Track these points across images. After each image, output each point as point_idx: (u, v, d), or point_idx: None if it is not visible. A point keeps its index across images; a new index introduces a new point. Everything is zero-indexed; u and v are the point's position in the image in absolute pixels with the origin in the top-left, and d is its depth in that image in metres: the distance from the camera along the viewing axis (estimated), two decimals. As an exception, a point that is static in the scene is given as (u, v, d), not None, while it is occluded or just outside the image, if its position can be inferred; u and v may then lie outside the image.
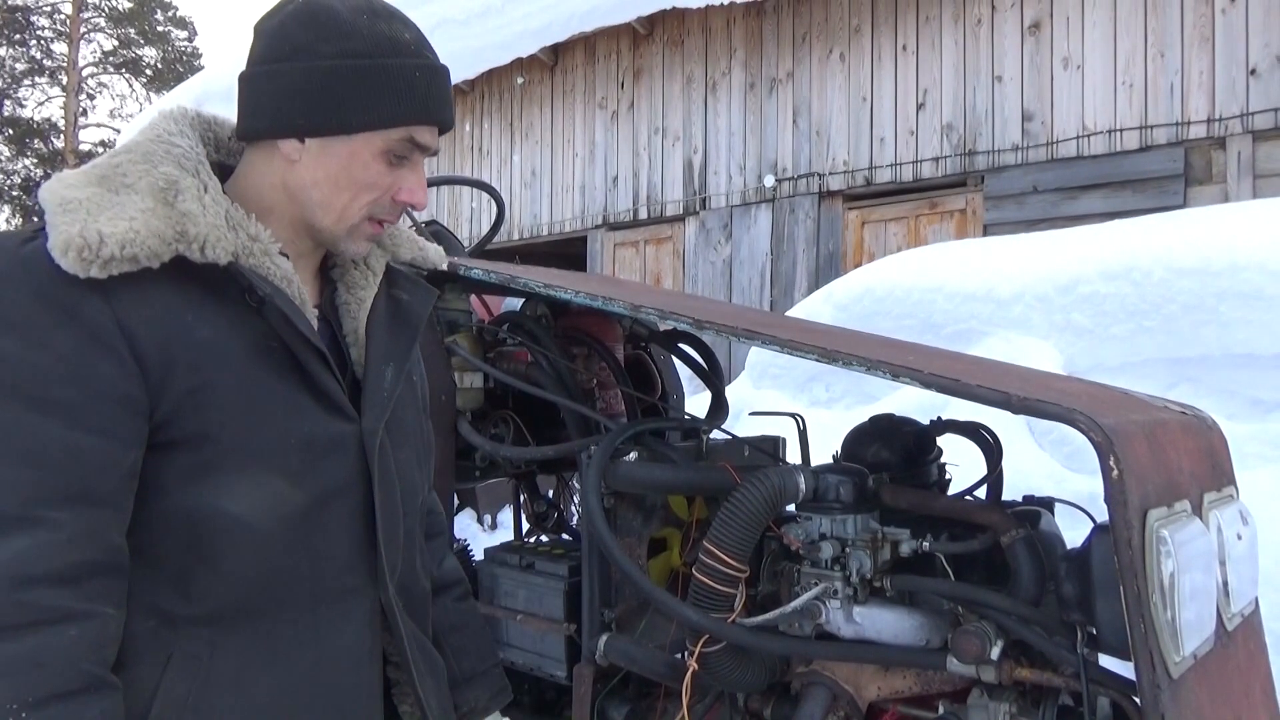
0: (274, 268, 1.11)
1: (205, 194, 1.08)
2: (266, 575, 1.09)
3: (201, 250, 1.04)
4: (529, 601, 2.15)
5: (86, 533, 0.96)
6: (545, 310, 2.29)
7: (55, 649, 0.93)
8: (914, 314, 4.56)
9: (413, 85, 1.14)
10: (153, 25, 28.77)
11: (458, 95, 10.71)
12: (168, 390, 1.02)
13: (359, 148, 1.14)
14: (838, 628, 1.58)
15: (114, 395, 0.99)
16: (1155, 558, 1.22)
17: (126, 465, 1.00)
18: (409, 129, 1.15)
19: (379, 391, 1.20)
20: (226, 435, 1.05)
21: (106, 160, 1.09)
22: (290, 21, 1.12)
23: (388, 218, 1.20)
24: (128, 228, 0.99)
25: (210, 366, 1.05)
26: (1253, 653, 1.63)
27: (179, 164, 1.09)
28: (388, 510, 1.20)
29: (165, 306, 1.03)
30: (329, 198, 1.15)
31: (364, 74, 1.11)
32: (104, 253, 0.97)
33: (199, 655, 1.06)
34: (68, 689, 0.93)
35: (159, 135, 1.11)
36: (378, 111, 1.13)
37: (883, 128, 7.39)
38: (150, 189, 1.05)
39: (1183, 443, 1.52)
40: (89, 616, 0.96)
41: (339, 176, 1.14)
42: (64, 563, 0.94)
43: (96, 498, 0.98)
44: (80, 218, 0.99)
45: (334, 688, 1.15)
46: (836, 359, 1.44)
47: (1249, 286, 3.54)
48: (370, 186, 1.16)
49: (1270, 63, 5.76)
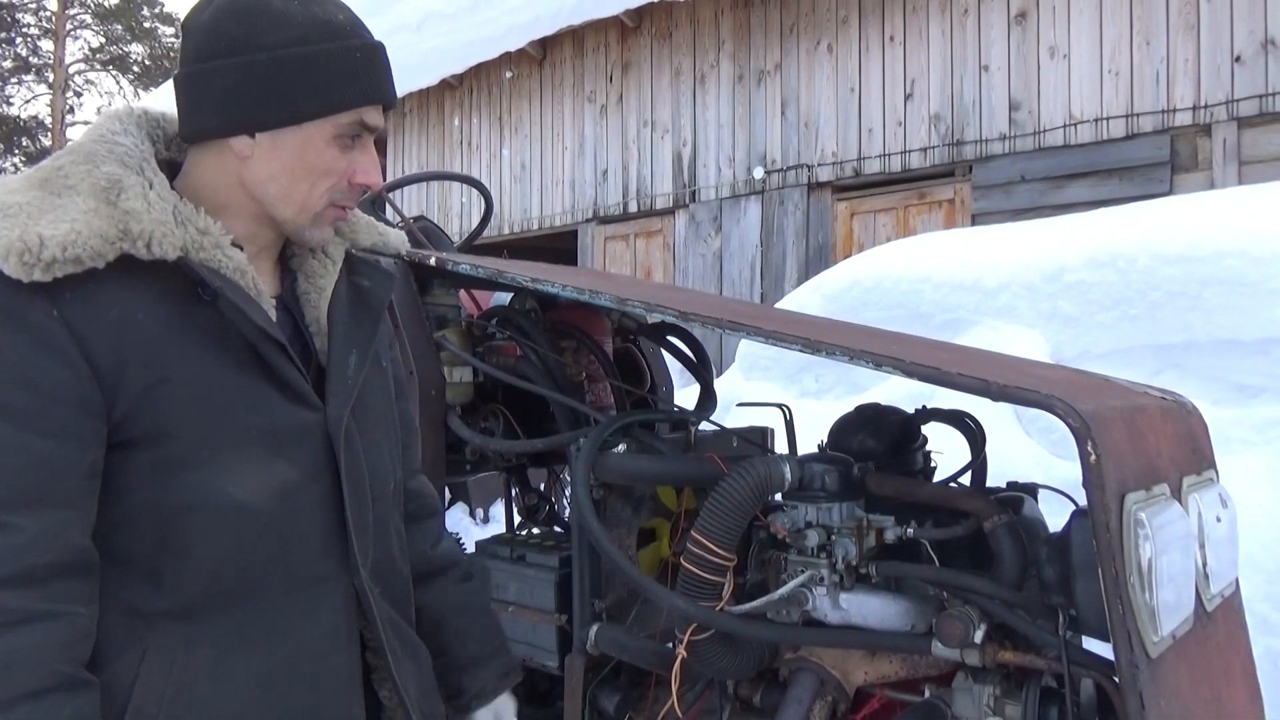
0: (226, 260, 1.10)
1: (150, 190, 1.07)
2: (238, 566, 1.09)
3: (148, 247, 1.03)
4: (520, 593, 2.17)
5: (48, 535, 0.97)
6: (534, 304, 2.30)
7: (22, 650, 0.94)
8: (902, 304, 4.58)
9: (355, 67, 1.14)
10: (139, 21, 28.58)
11: (447, 90, 10.69)
12: (123, 389, 1.02)
13: (311, 135, 1.13)
14: (824, 614, 1.60)
15: (66, 397, 0.99)
16: (1133, 540, 1.24)
17: (85, 466, 1.01)
18: (358, 111, 1.15)
19: (342, 379, 1.21)
20: (186, 430, 1.05)
21: (50, 163, 1.09)
22: (222, 16, 1.11)
23: (347, 202, 1.21)
24: (69, 229, 0.99)
25: (165, 362, 1.05)
26: (1233, 633, 1.66)
27: (122, 162, 1.08)
28: (356, 496, 1.20)
29: (115, 306, 1.03)
30: (288, 189, 1.15)
31: (306, 61, 1.11)
32: (45, 255, 0.97)
33: (174, 648, 1.06)
34: (37, 688, 0.94)
35: (102, 135, 1.11)
36: (326, 98, 1.12)
37: (871, 118, 7.40)
38: (92, 189, 1.05)
39: (1162, 427, 1.54)
40: (55, 616, 0.96)
41: (295, 167, 1.14)
42: (26, 565, 0.95)
43: (55, 500, 0.98)
44: (21, 222, 0.99)
45: (311, 674, 1.16)
46: (821, 349, 1.46)
47: (1232, 273, 3.56)
48: (327, 173, 1.16)
49: (1255, 49, 5.79)
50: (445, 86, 10.57)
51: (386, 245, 1.41)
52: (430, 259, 2.05)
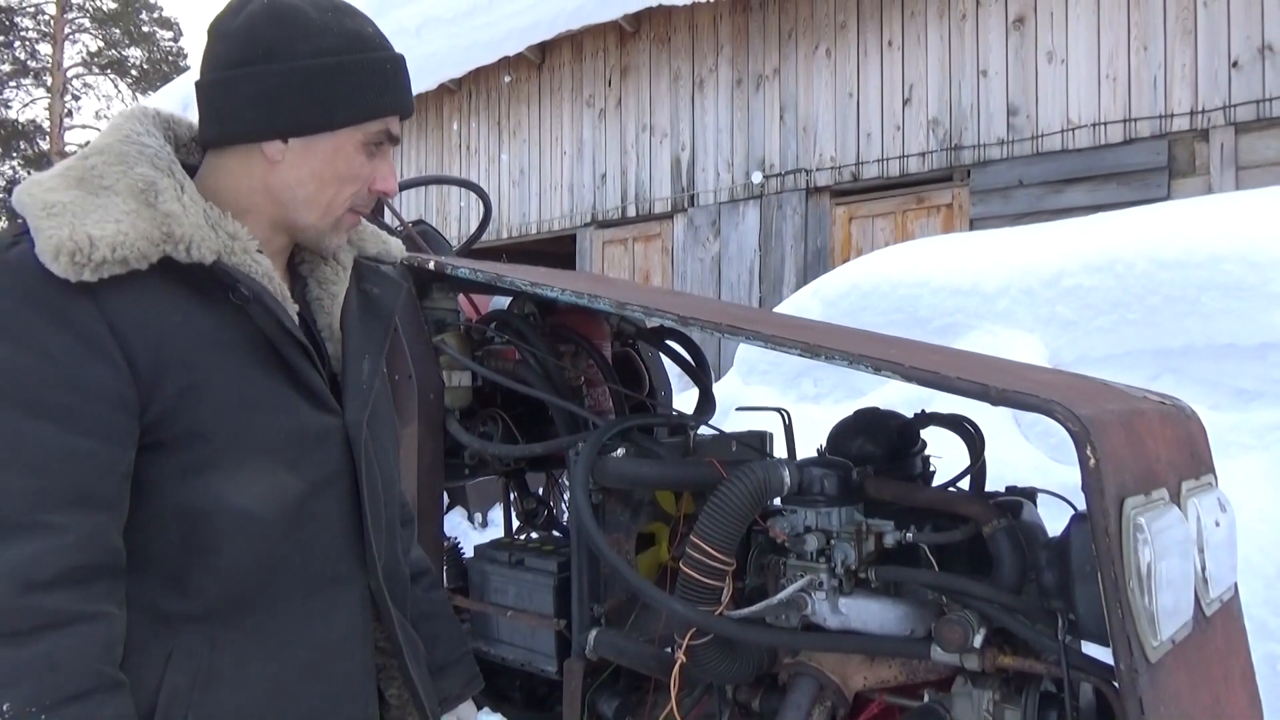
0: (255, 265, 1.12)
1: (183, 194, 1.09)
2: (262, 568, 1.11)
3: (188, 250, 1.05)
4: (519, 598, 2.16)
5: (89, 535, 0.97)
6: (533, 308, 2.30)
7: (68, 651, 0.94)
8: (901, 308, 4.58)
9: (386, 78, 1.18)
10: (138, 26, 28.61)
11: (445, 94, 10.69)
12: (159, 391, 1.03)
13: (342, 142, 1.16)
14: (823, 619, 1.60)
15: (108, 398, 1.00)
16: (1132, 545, 1.24)
17: (123, 467, 1.01)
18: (385, 120, 1.19)
19: (358, 384, 1.23)
20: (220, 432, 1.06)
21: (79, 162, 1.09)
22: (259, 23, 1.12)
23: (364, 209, 1.24)
24: (116, 230, 1.00)
25: (200, 365, 1.06)
26: (1231, 638, 1.65)
27: (153, 164, 1.09)
28: (373, 499, 1.22)
29: (154, 308, 1.04)
30: (315, 194, 1.17)
31: (344, 70, 1.14)
32: (95, 256, 0.98)
33: (199, 651, 1.07)
34: (82, 689, 0.95)
35: (127, 135, 1.12)
36: (359, 106, 1.16)
37: (869, 123, 7.41)
38: (130, 190, 1.06)
39: (1161, 432, 1.54)
40: (97, 618, 0.97)
41: (323, 172, 1.17)
42: (69, 566, 0.95)
43: (96, 500, 0.99)
44: (68, 221, 0.99)
45: (330, 675, 1.17)
46: (820, 353, 1.46)
47: (1230, 278, 3.57)
48: (353, 179, 1.19)
49: (1252, 55, 5.80)
50: (444, 91, 10.58)
51: (389, 253, 1.42)
52: (429, 263, 2.05)
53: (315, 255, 1.29)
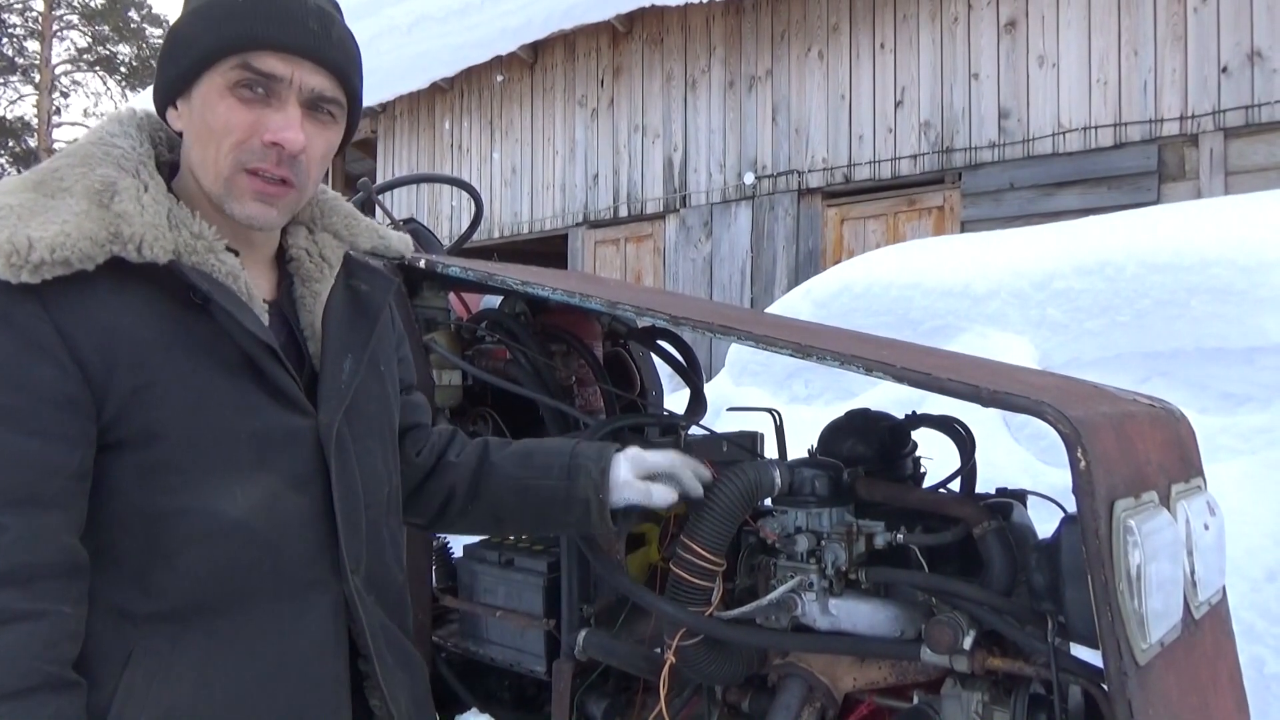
0: (219, 264, 1.10)
1: (145, 193, 1.07)
2: (225, 570, 1.08)
3: (139, 250, 1.03)
4: (508, 597, 2.16)
5: (34, 535, 0.96)
6: (524, 308, 2.29)
7: (5, 649, 0.93)
8: (892, 310, 4.59)
9: (234, 10, 1.10)
10: (126, 22, 28.44)
11: (437, 93, 10.67)
12: (112, 391, 1.02)
13: (206, 92, 1.11)
14: (813, 620, 1.60)
15: (54, 398, 0.99)
16: (1122, 547, 1.24)
17: (73, 466, 1.00)
18: (242, 56, 1.09)
19: (335, 384, 1.20)
20: (174, 433, 1.05)
21: (46, 165, 1.09)
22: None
23: (263, 165, 1.12)
24: (58, 231, 0.99)
25: (153, 365, 1.04)
26: (1220, 641, 1.66)
27: (118, 165, 1.09)
28: (348, 502, 1.19)
29: (104, 308, 1.03)
30: (202, 156, 1.12)
31: (196, 15, 1.12)
32: (33, 257, 0.97)
33: (160, 652, 1.05)
34: (20, 687, 0.93)
35: (100, 138, 1.11)
36: (206, 46, 1.10)
37: (861, 125, 7.43)
38: (85, 191, 1.05)
39: (1151, 435, 1.54)
40: (40, 616, 0.96)
41: (200, 130, 1.12)
42: (10, 564, 0.94)
43: (42, 500, 0.98)
44: (10, 224, 0.99)
45: (299, 681, 1.14)
46: (811, 354, 1.46)
47: (1219, 282, 3.59)
48: (226, 129, 1.10)
49: (1241, 60, 5.83)
50: (436, 90, 10.55)
51: (388, 248, 1.39)
52: (420, 261, 2.05)
53: (300, 251, 1.26)
